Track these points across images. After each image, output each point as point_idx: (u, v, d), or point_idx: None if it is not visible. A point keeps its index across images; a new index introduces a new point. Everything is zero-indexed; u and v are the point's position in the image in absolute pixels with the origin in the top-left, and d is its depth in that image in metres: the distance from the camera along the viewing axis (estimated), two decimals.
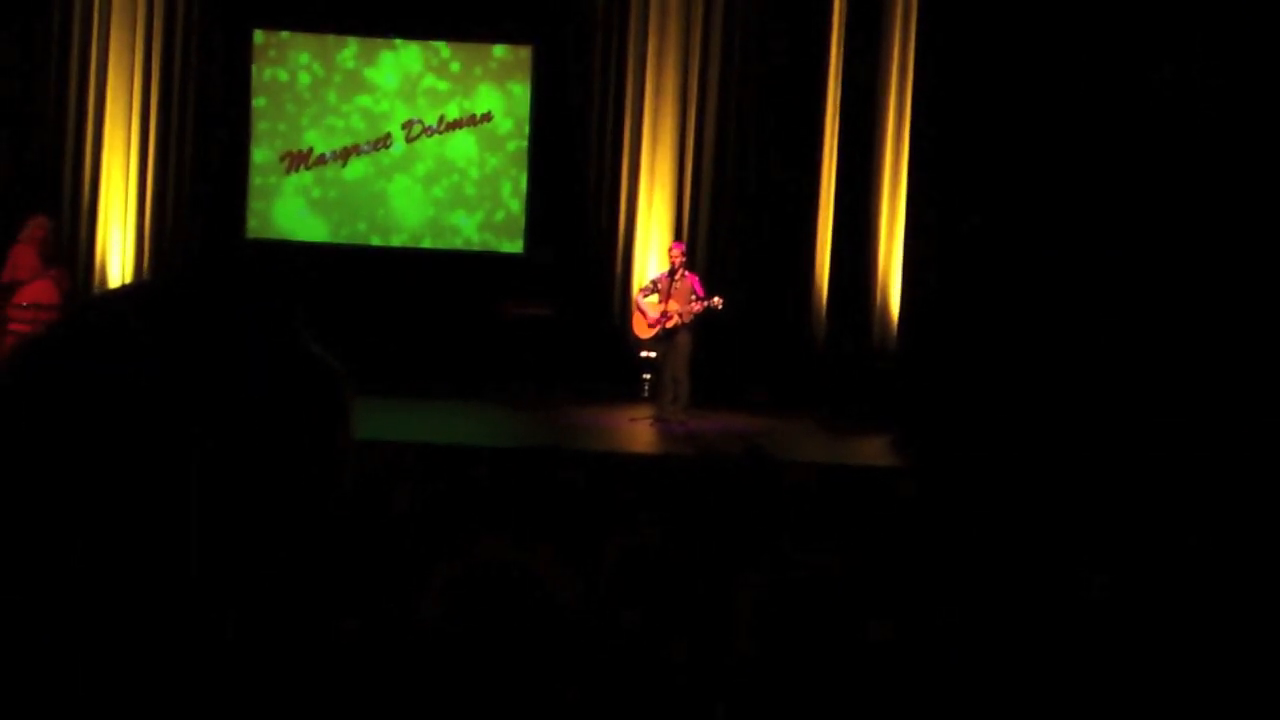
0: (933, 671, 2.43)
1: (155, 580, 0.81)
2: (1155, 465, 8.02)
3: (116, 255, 12.17)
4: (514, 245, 12.76)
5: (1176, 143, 10.32)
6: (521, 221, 12.73)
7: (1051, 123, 10.65)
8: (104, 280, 12.11)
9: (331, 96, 12.68)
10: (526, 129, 12.70)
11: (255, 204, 12.67)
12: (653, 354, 10.94)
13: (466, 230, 12.76)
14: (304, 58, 12.66)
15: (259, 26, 12.59)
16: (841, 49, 11.79)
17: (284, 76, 12.65)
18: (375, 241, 12.71)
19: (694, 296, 10.45)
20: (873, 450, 9.80)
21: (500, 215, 12.77)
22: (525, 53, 12.66)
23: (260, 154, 12.67)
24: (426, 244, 12.74)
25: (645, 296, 10.75)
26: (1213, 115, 10.20)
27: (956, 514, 4.62)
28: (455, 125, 12.70)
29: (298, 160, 12.65)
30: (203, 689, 0.82)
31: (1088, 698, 2.54)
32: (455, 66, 12.72)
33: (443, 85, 12.71)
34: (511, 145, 12.74)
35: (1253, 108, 10.21)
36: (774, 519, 4.46)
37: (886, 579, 3.18)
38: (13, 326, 9.86)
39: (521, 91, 12.69)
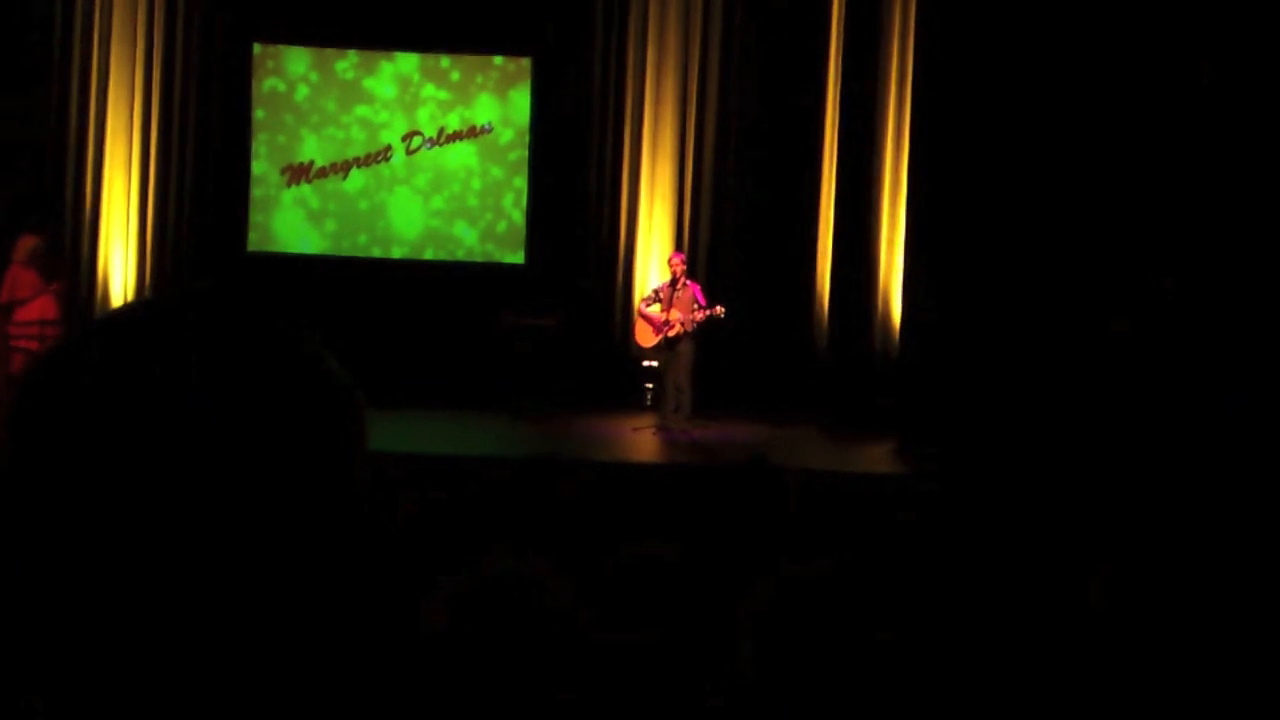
0: (937, 679, 2.42)
1: (165, 590, 0.81)
2: (1158, 471, 8.01)
3: (119, 270, 12.18)
4: (515, 256, 12.76)
5: (1179, 146, 10.33)
6: (523, 232, 12.74)
7: (1051, 129, 10.65)
8: (107, 294, 12.12)
9: (331, 107, 12.70)
10: (527, 139, 12.71)
11: (256, 217, 12.68)
12: (655, 363, 10.95)
13: (468, 241, 12.77)
14: (302, 68, 12.68)
15: (258, 40, 12.61)
16: (840, 57, 11.80)
17: (282, 88, 12.68)
18: (376, 253, 12.72)
19: (696, 305, 10.45)
20: (875, 457, 9.80)
21: (502, 226, 12.77)
22: (525, 63, 12.68)
23: (260, 167, 12.69)
24: (428, 255, 12.75)
25: (647, 306, 10.75)
26: (1215, 119, 10.21)
27: (961, 520, 4.61)
28: (455, 136, 12.71)
29: (298, 173, 12.67)
30: (211, 694, 0.82)
31: (1092, 704, 2.54)
32: (455, 76, 12.73)
33: (443, 95, 12.73)
34: (512, 155, 12.76)
35: (1254, 110, 10.22)
36: (777, 527, 4.45)
37: (891, 586, 3.17)
38: (18, 343, 9.87)
39: (522, 102, 12.71)
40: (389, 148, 12.69)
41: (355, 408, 0.91)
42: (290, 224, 12.72)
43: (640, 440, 10.43)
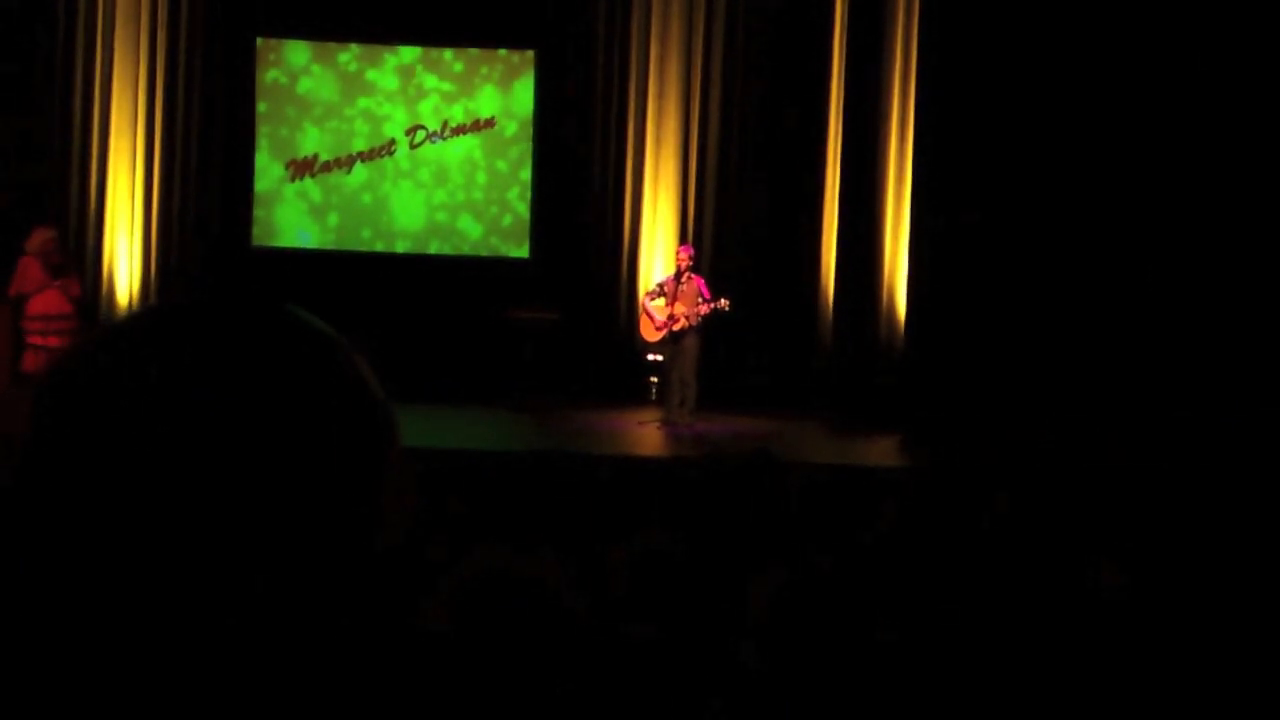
0: (943, 674, 2.41)
1: (175, 590, 0.81)
2: (1165, 462, 8.00)
3: (124, 264, 12.19)
4: (520, 250, 12.75)
5: (1178, 141, 10.31)
6: (528, 226, 12.73)
7: (1055, 122, 10.63)
8: (112, 288, 12.13)
9: (334, 100, 12.69)
10: (531, 132, 12.70)
11: (259, 212, 12.68)
12: (660, 357, 10.94)
13: (473, 235, 12.76)
14: (306, 62, 12.67)
15: (261, 35, 12.60)
16: (844, 50, 11.78)
17: (284, 80, 12.67)
18: (379, 248, 12.71)
19: (700, 299, 10.44)
20: (880, 451, 9.79)
21: (507, 220, 12.76)
22: (529, 56, 12.67)
23: (264, 162, 12.68)
24: (433, 249, 12.74)
25: (652, 300, 10.74)
26: (1212, 114, 10.18)
27: (965, 515, 4.60)
28: (460, 130, 12.70)
29: (302, 168, 12.66)
30: (213, 694, 0.82)
31: (1099, 699, 2.53)
32: (458, 67, 12.72)
33: (446, 87, 12.71)
34: (517, 149, 12.74)
35: (1252, 107, 10.19)
36: (782, 521, 4.44)
37: (895, 581, 3.17)
38: (27, 339, 9.91)
39: (526, 95, 12.69)
40: (392, 141, 12.68)
41: (390, 423, 0.90)
42: (294, 219, 12.72)
43: (645, 434, 10.43)
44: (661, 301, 10.61)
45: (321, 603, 0.85)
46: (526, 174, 12.70)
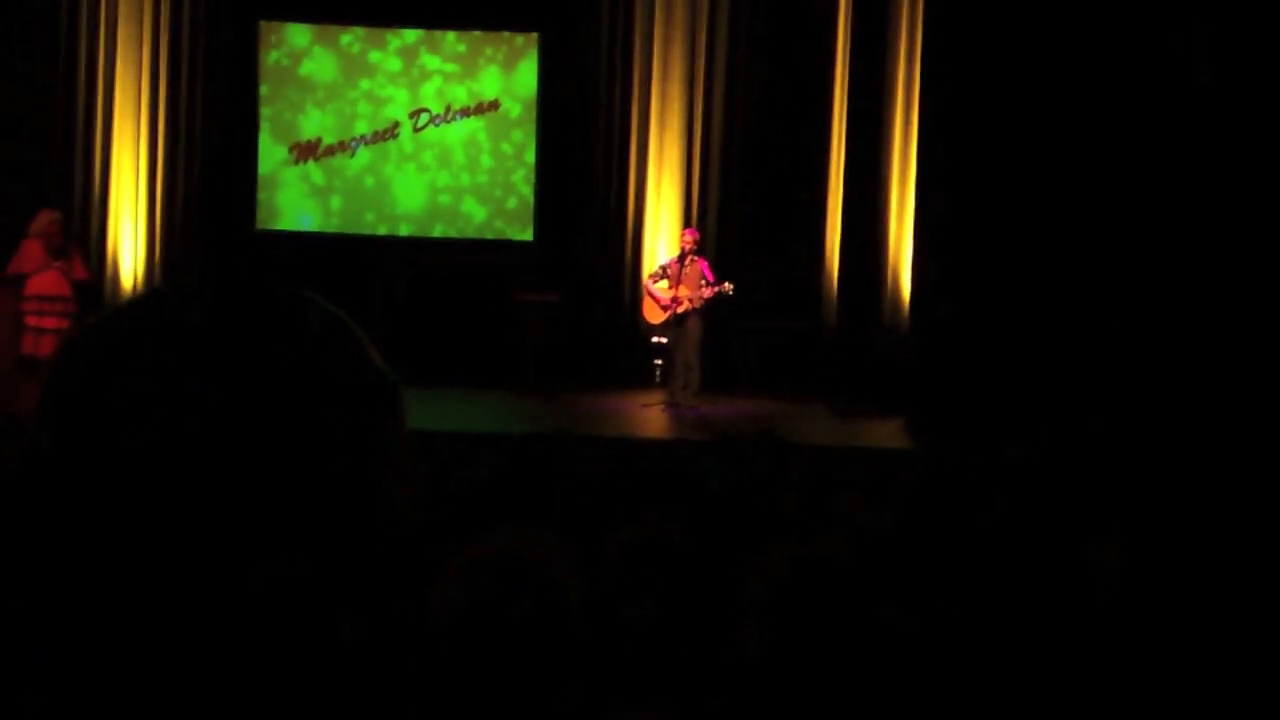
0: (947, 658, 2.42)
1: (179, 580, 0.81)
2: (1166, 445, 8.01)
3: (127, 246, 12.19)
4: (525, 233, 12.74)
5: (1182, 135, 10.28)
6: (532, 209, 12.71)
7: (1059, 103, 10.60)
8: (116, 271, 12.14)
9: (339, 86, 12.67)
10: (535, 115, 12.67)
11: (262, 195, 12.67)
12: (664, 339, 10.94)
13: (477, 218, 12.75)
14: (308, 44, 12.64)
15: (263, 17, 12.58)
16: (850, 31, 11.75)
17: (286, 63, 12.65)
18: (383, 231, 12.70)
19: (704, 282, 10.43)
20: (884, 433, 9.79)
21: (512, 202, 12.74)
22: (533, 38, 12.63)
23: (268, 145, 12.66)
24: (437, 232, 12.73)
25: (656, 282, 10.73)
26: (1213, 113, 10.16)
27: (969, 497, 4.61)
28: (464, 113, 12.68)
29: (306, 151, 12.64)
30: (219, 686, 0.82)
31: (1100, 686, 2.54)
32: (462, 48, 12.69)
33: (450, 69, 12.68)
34: (521, 132, 12.72)
35: (1253, 106, 10.17)
36: (785, 503, 4.45)
37: (900, 564, 3.18)
38: (29, 320, 9.91)
39: (530, 78, 12.66)
40: (396, 124, 12.66)
41: (398, 408, 0.90)
42: (298, 202, 12.70)
43: (649, 416, 10.44)
44: (665, 284, 10.60)
45: (330, 588, 0.85)
46: (531, 156, 12.67)
